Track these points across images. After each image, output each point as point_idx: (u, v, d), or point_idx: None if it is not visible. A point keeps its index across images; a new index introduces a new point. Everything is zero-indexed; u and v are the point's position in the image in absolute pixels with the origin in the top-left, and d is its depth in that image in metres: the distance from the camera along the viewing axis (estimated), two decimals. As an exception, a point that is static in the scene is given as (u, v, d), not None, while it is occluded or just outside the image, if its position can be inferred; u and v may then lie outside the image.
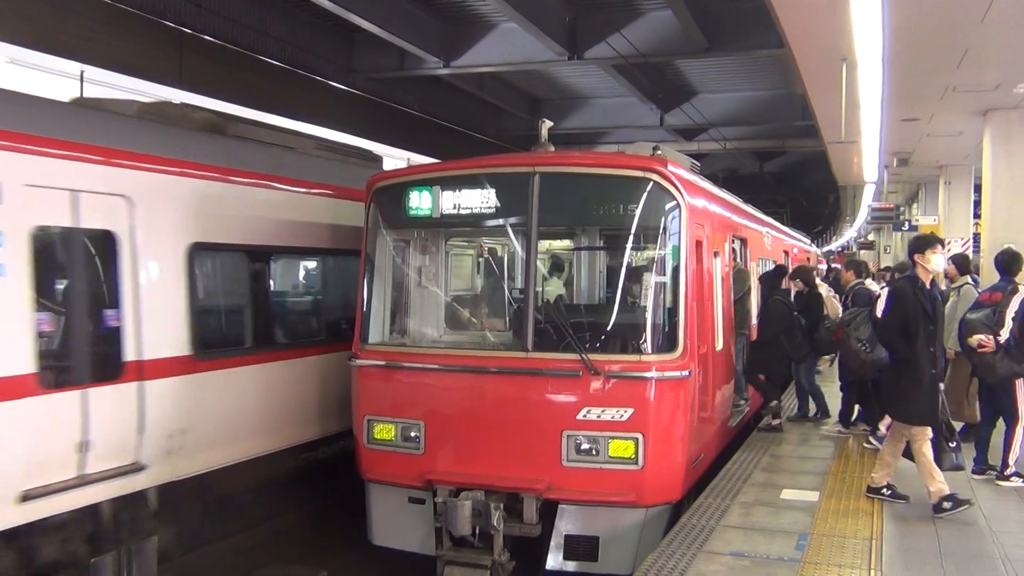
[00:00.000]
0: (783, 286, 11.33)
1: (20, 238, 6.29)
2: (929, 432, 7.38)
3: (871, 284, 11.20)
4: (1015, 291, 8.29)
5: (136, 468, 7.20)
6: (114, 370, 7.04)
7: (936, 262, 7.57)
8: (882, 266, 29.69)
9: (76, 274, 6.96)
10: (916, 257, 7.53)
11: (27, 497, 6.31)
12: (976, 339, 8.08)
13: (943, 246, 7.76)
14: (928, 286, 7.47)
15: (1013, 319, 8.02)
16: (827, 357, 13.29)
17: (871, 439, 9.95)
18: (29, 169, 6.39)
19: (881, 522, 7.10)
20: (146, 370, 7.22)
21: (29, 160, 6.42)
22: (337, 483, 9.34)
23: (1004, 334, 8.02)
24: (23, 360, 6.28)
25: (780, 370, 10.59)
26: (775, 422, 10.79)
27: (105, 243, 7.05)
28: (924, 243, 7.64)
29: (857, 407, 10.73)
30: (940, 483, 7.32)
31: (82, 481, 6.74)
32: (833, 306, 11.75)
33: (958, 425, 8.49)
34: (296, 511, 9.72)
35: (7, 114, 6.53)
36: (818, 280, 12.76)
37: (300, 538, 9.41)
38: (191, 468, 7.83)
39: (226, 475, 8.34)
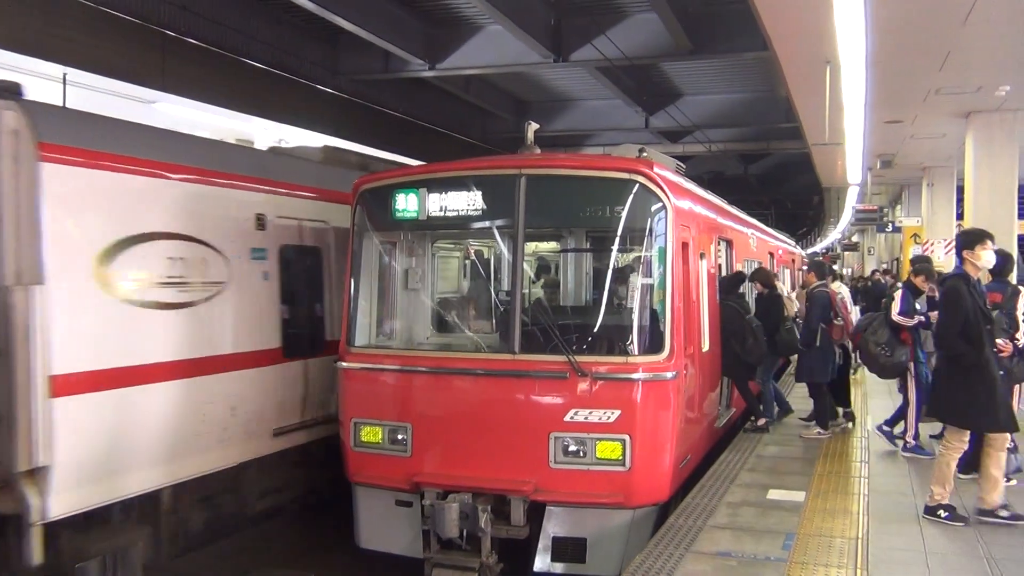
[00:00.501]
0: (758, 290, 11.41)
1: (275, 254, 8.82)
2: (1008, 438, 7.15)
3: (837, 286, 11.22)
4: (1017, 292, 8.29)
5: (329, 419, 9.16)
6: (320, 346, 9.32)
7: (987, 258, 7.21)
8: (878, 267, 29.93)
9: (301, 278, 9.28)
10: (965, 253, 7.17)
11: (277, 433, 8.80)
12: (997, 344, 7.80)
13: (993, 241, 7.31)
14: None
15: None
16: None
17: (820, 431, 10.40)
18: (278, 207, 8.96)
19: (867, 522, 7.14)
20: (333, 348, 8.62)
21: (278, 200, 9.00)
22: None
23: (1022, 338, 8.02)
24: (277, 338, 8.81)
25: (741, 374, 10.55)
26: (760, 422, 10.84)
27: (316, 256, 9.50)
28: (974, 238, 7.26)
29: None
30: (1001, 492, 7.15)
31: (302, 425, 9.15)
32: (790, 307, 11.80)
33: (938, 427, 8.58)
34: (284, 515, 9.69)
35: (252, 164, 9.02)
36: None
37: (288, 542, 9.37)
38: None
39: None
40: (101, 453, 6.81)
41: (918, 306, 9.40)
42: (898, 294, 9.61)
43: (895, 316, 9.30)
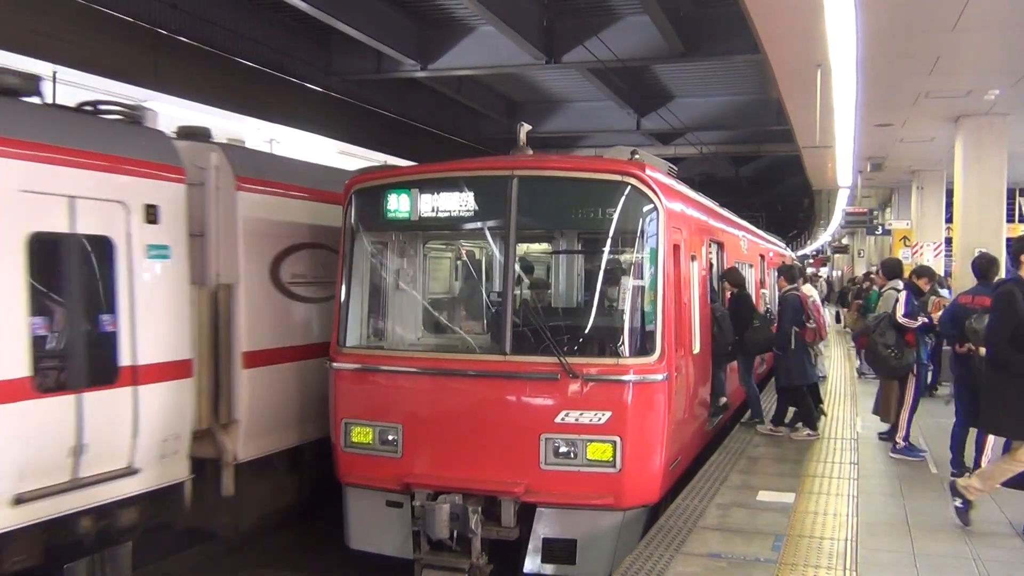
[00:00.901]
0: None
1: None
2: None
3: (808, 289, 11.29)
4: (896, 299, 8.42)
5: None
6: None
7: None
8: (865, 270, 30.03)
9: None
10: (1023, 258, 7.06)
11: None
12: None
13: None
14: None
15: None
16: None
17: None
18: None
19: (857, 524, 7.17)
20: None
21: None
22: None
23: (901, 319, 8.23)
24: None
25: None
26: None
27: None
28: None
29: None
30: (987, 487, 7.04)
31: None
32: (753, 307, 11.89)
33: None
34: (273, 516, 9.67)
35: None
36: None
37: (277, 542, 9.35)
38: None
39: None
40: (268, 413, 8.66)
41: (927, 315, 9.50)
42: (902, 296, 9.62)
43: (900, 318, 9.34)
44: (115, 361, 7.03)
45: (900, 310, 9.38)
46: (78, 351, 6.74)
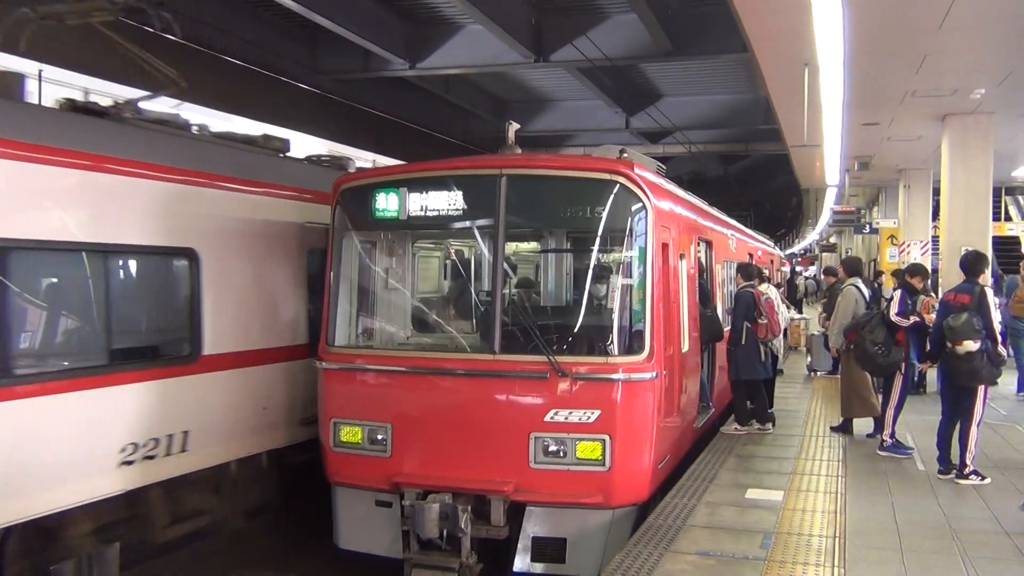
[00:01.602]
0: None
1: None
2: None
3: (765, 288, 11.37)
4: (983, 294, 8.37)
5: None
6: None
7: None
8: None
9: None
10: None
11: None
12: (967, 345, 8.09)
13: None
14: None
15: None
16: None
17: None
18: None
19: (845, 521, 7.19)
20: None
21: None
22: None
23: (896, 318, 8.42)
24: None
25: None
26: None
27: None
28: None
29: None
30: None
31: None
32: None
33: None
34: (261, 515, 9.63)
35: None
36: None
37: (266, 542, 9.31)
38: None
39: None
40: None
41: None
42: (896, 294, 9.69)
43: (893, 316, 9.39)
44: None
45: (894, 308, 9.44)
46: (317, 328, 8.49)
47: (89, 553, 7.08)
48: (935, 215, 22.09)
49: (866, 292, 11.19)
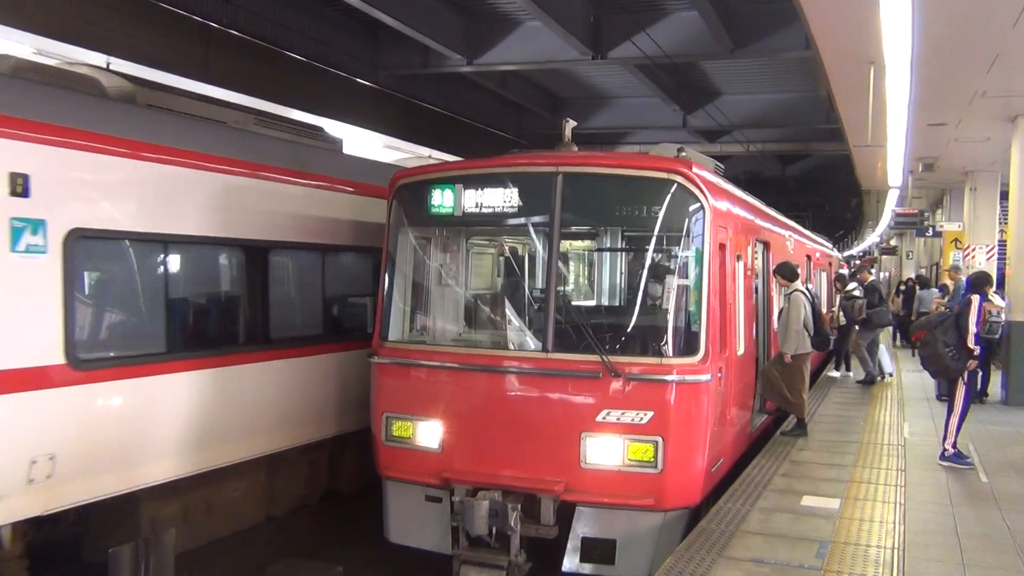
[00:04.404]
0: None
1: None
2: None
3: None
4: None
5: None
6: None
7: None
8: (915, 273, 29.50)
9: None
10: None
11: None
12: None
13: None
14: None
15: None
16: None
17: None
18: None
19: (904, 531, 7.01)
20: None
21: None
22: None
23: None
24: None
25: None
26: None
27: None
28: None
29: None
30: None
31: None
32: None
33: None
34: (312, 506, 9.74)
35: None
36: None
37: (315, 533, 9.42)
38: None
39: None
40: None
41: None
42: (975, 299, 9.41)
43: (971, 323, 9.17)
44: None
45: (973, 315, 9.18)
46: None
47: (147, 538, 7.24)
48: (1003, 219, 21.42)
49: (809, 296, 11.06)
